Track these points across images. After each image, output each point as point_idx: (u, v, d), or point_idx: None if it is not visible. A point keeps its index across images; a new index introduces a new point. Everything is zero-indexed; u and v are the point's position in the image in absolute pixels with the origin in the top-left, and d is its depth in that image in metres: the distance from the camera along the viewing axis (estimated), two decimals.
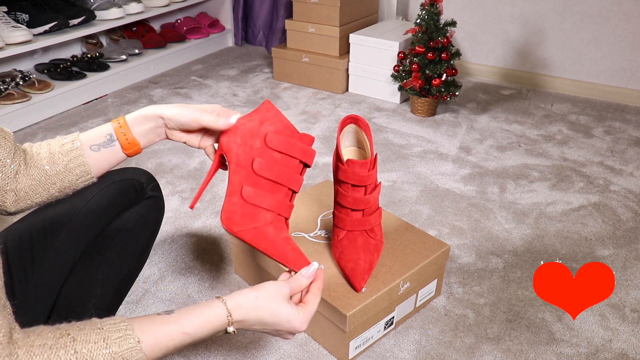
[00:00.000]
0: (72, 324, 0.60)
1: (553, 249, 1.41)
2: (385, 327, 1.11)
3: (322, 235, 1.18)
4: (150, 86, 2.51)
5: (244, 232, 0.82)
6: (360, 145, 1.11)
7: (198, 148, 0.88)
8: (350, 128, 1.09)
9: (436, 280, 1.20)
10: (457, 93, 2.11)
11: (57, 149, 0.81)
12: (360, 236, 1.07)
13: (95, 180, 0.85)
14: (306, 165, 0.84)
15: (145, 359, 0.62)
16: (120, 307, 1.17)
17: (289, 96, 2.41)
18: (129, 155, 0.85)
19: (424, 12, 2.05)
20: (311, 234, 1.18)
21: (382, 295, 1.03)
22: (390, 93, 2.34)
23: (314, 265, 0.81)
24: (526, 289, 1.27)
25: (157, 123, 0.82)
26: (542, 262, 1.35)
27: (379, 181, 1.09)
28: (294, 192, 0.85)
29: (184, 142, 0.85)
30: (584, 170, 1.80)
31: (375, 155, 1.04)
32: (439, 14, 2.04)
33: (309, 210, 1.26)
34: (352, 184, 1.02)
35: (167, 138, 0.85)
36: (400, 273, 1.07)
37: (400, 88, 2.19)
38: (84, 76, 2.29)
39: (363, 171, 1.01)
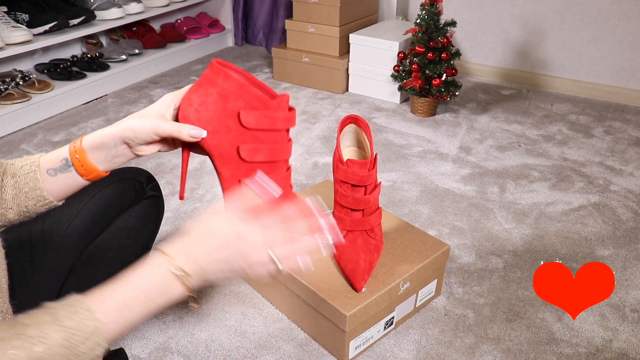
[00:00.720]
0: (26, 313, 0.58)
1: (553, 249, 1.41)
2: (385, 327, 1.11)
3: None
4: (150, 86, 2.51)
5: None
6: (360, 145, 1.11)
7: (177, 148, 0.77)
8: (350, 128, 1.09)
9: (436, 280, 1.20)
10: (457, 93, 2.11)
11: (18, 171, 0.75)
12: (360, 236, 1.07)
13: (57, 204, 0.78)
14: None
15: (104, 325, 0.58)
16: None
17: (289, 96, 2.41)
18: (90, 181, 0.77)
19: (424, 12, 2.05)
20: None
21: (382, 295, 1.03)
22: (390, 93, 2.34)
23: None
24: (526, 289, 1.27)
25: (117, 146, 0.72)
26: (542, 262, 1.35)
27: (379, 181, 1.09)
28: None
29: (158, 151, 0.75)
30: (584, 170, 1.80)
31: (375, 155, 1.04)
32: (439, 14, 2.04)
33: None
34: (352, 184, 1.03)
35: (137, 156, 0.74)
36: (400, 273, 1.07)
37: (400, 88, 2.19)
38: (84, 76, 2.29)
39: (363, 171, 1.01)
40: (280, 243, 0.64)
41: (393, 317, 1.12)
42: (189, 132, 0.68)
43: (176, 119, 0.72)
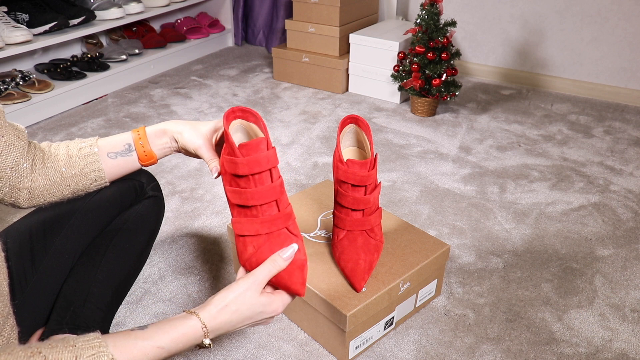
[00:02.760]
0: (45, 342, 0.58)
1: (553, 249, 1.41)
2: (385, 327, 1.11)
3: (322, 235, 1.18)
4: (150, 86, 2.51)
5: (245, 263, 0.84)
6: (360, 145, 1.11)
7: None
8: (350, 128, 1.09)
9: (436, 280, 1.20)
10: (457, 93, 2.11)
11: (75, 152, 0.83)
12: (360, 236, 1.07)
13: (108, 184, 0.87)
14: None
15: None
16: (121, 307, 1.17)
17: (289, 96, 2.41)
18: (143, 166, 0.88)
19: (424, 12, 2.05)
20: (311, 234, 1.18)
21: (382, 295, 1.03)
22: (390, 93, 2.34)
23: (293, 247, 0.78)
24: (526, 289, 1.27)
25: (171, 140, 0.86)
26: (542, 262, 1.36)
27: (379, 181, 1.09)
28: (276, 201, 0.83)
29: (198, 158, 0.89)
30: (584, 170, 1.80)
31: (375, 155, 1.04)
32: (439, 14, 2.04)
33: (309, 210, 1.26)
34: (352, 184, 1.02)
35: (184, 154, 0.89)
36: (400, 273, 1.07)
37: (400, 88, 2.19)
38: (84, 76, 2.29)
39: (363, 171, 1.01)
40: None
41: (393, 317, 1.12)
42: (214, 167, 0.83)
43: (221, 140, 0.88)
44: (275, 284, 0.81)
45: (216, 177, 0.83)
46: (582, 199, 1.63)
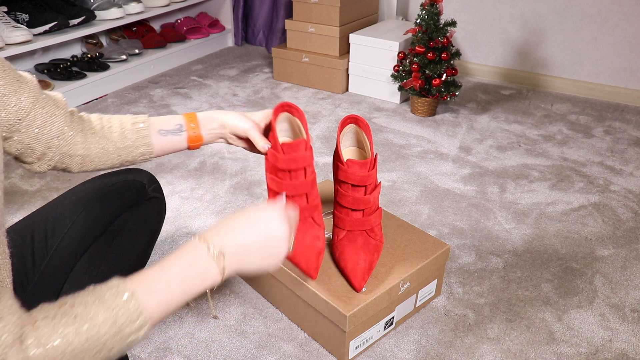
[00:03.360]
0: (71, 295, 0.61)
1: (553, 249, 1.41)
2: (385, 327, 1.11)
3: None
4: (150, 86, 2.51)
5: None
6: (360, 145, 1.11)
7: (257, 153, 0.95)
8: (350, 128, 1.09)
9: (436, 280, 1.20)
10: (457, 93, 2.11)
11: (129, 127, 0.88)
12: (360, 236, 1.07)
13: (152, 158, 0.93)
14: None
15: (146, 307, 0.60)
16: None
17: (289, 96, 2.41)
18: (190, 148, 0.93)
19: (424, 12, 2.05)
20: None
21: (382, 295, 1.03)
22: (390, 93, 2.34)
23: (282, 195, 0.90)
24: (526, 289, 1.27)
25: (220, 127, 0.92)
26: (542, 262, 1.36)
27: (379, 181, 1.09)
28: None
29: (243, 147, 0.96)
30: (584, 170, 1.80)
31: (375, 155, 1.04)
32: (439, 14, 2.04)
33: None
34: (352, 184, 1.03)
35: (227, 142, 0.95)
36: (401, 273, 1.07)
37: (400, 88, 2.19)
38: (84, 76, 2.29)
39: (363, 171, 1.01)
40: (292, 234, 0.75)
41: (393, 317, 1.12)
42: (263, 146, 0.91)
43: (267, 129, 0.96)
44: (292, 262, 0.96)
45: (264, 154, 0.92)
46: (582, 199, 1.63)
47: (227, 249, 0.66)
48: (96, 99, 2.35)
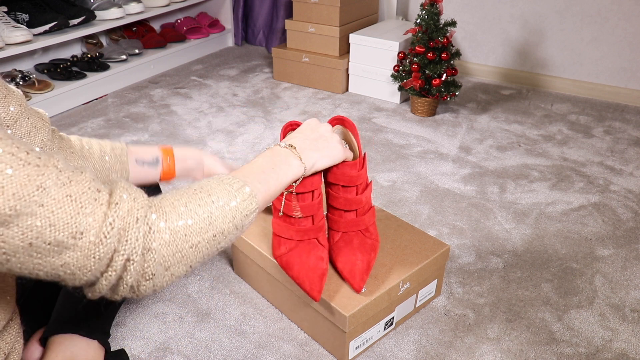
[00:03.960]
0: (188, 186, 0.67)
1: (553, 249, 1.41)
2: (385, 327, 1.11)
3: None
4: (150, 86, 2.51)
5: (277, 259, 1.05)
6: (348, 145, 1.11)
7: None
8: (337, 129, 1.10)
9: (436, 280, 1.20)
10: (457, 93, 2.11)
11: (108, 151, 0.90)
12: (355, 237, 1.07)
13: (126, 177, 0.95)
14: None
15: (255, 191, 0.70)
16: (120, 307, 1.17)
17: (289, 96, 2.41)
18: (161, 180, 0.97)
19: (424, 12, 2.05)
20: None
21: (382, 295, 1.03)
22: (390, 93, 2.34)
23: None
24: (526, 289, 1.27)
25: (198, 166, 0.98)
26: (542, 262, 1.36)
27: (370, 180, 1.09)
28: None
29: None
30: (584, 170, 1.80)
31: (364, 154, 1.04)
32: (439, 14, 2.04)
33: None
34: (342, 185, 1.02)
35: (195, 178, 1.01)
36: (400, 274, 1.07)
37: (400, 88, 2.19)
38: (84, 76, 2.29)
39: (353, 171, 1.01)
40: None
41: (393, 318, 1.12)
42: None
43: None
44: (295, 282, 1.01)
45: None
46: (582, 199, 1.63)
47: (294, 143, 0.83)
48: (96, 99, 2.35)
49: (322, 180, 1.02)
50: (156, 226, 0.58)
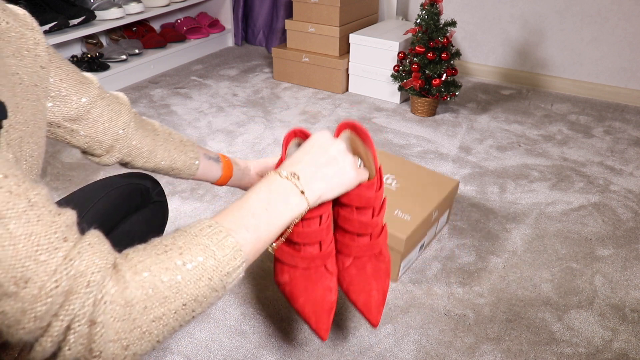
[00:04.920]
0: (161, 238, 0.59)
1: (553, 248, 1.41)
2: (419, 250, 1.33)
3: None
4: (150, 86, 2.51)
5: (280, 286, 0.91)
6: (355, 154, 0.93)
7: None
8: (345, 136, 0.92)
9: (448, 210, 1.45)
10: (457, 93, 2.11)
11: (185, 139, 0.95)
12: (369, 262, 0.95)
13: (190, 178, 0.99)
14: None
15: (239, 239, 0.59)
16: None
17: (289, 96, 2.41)
18: (214, 183, 1.01)
19: (424, 12, 2.05)
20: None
21: (423, 220, 1.25)
22: (390, 93, 2.34)
23: None
24: (526, 289, 1.27)
25: (246, 178, 1.02)
26: (542, 262, 1.36)
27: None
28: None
29: None
30: (584, 170, 1.80)
31: (379, 167, 0.89)
32: (439, 14, 2.04)
33: None
34: (356, 207, 0.88)
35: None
36: (431, 203, 1.30)
37: (400, 88, 2.19)
38: None
39: (370, 192, 0.86)
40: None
41: (424, 242, 1.35)
42: None
43: None
44: (300, 316, 0.90)
45: None
46: (582, 199, 1.63)
47: (298, 171, 0.68)
48: None
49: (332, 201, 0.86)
50: (109, 296, 0.50)
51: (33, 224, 0.48)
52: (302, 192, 0.67)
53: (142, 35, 2.70)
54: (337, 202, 0.91)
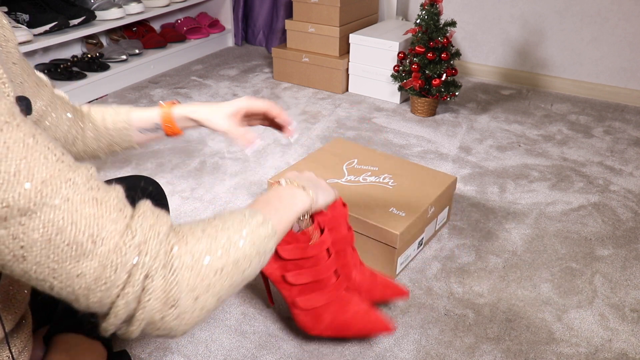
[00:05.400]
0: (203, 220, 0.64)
1: (553, 248, 1.41)
2: (418, 246, 1.34)
3: (352, 179, 1.40)
4: (150, 86, 2.51)
5: (323, 332, 1.03)
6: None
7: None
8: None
9: (447, 207, 1.45)
10: (457, 93, 2.11)
11: (111, 126, 0.93)
12: (352, 252, 1.10)
13: (138, 148, 0.99)
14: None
15: (273, 224, 0.68)
16: None
17: (289, 96, 2.41)
18: (169, 136, 0.98)
19: (424, 12, 2.05)
20: (342, 180, 1.39)
21: (418, 217, 1.26)
22: (390, 93, 2.34)
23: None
24: (526, 289, 1.27)
25: (198, 124, 0.95)
26: (542, 262, 1.36)
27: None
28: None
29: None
30: (584, 170, 1.80)
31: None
32: (439, 14, 2.04)
33: (332, 161, 1.48)
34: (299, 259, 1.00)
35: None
36: (427, 200, 1.32)
37: (400, 88, 2.19)
38: (84, 76, 2.29)
39: (342, 210, 1.06)
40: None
41: (423, 238, 1.35)
42: (249, 138, 0.96)
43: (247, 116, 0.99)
44: (360, 337, 1.07)
45: (293, 139, 1.07)
46: (582, 199, 1.63)
47: (291, 180, 0.83)
48: (96, 99, 2.35)
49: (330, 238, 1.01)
50: (177, 247, 0.56)
51: (96, 190, 0.53)
52: (304, 188, 0.82)
53: (142, 35, 2.70)
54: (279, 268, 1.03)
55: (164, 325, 0.56)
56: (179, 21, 2.90)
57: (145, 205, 0.58)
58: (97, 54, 2.43)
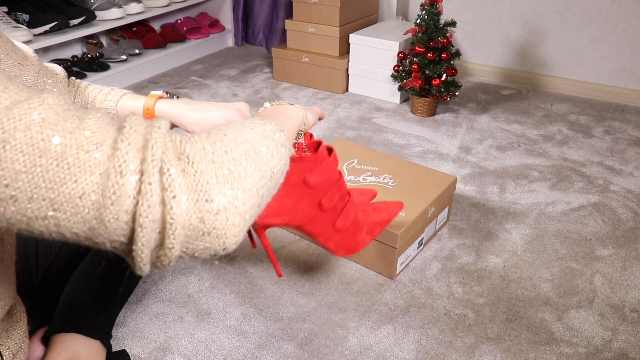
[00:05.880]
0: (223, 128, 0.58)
1: (553, 248, 1.41)
2: (418, 246, 1.35)
3: (352, 179, 1.41)
4: (150, 86, 2.51)
5: (366, 240, 1.07)
6: None
7: None
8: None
9: (447, 207, 1.46)
10: (457, 93, 2.11)
11: (99, 107, 0.91)
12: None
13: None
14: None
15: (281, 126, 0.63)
16: (122, 308, 1.17)
17: (289, 96, 2.41)
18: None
19: (424, 12, 2.05)
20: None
21: (418, 217, 1.27)
22: (390, 93, 2.34)
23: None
24: (526, 289, 1.27)
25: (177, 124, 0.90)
26: (542, 262, 1.36)
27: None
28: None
29: None
30: (584, 170, 1.80)
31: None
32: (439, 14, 2.04)
33: None
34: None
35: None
36: (427, 200, 1.32)
37: (400, 88, 2.19)
38: (84, 76, 2.29)
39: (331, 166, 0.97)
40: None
41: (423, 238, 1.36)
42: None
43: None
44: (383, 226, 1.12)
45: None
46: (582, 199, 1.63)
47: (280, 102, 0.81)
48: None
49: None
50: (187, 144, 0.48)
51: (74, 110, 0.46)
52: (292, 104, 0.79)
53: (142, 35, 2.70)
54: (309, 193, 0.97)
55: (207, 228, 0.47)
56: (179, 21, 2.90)
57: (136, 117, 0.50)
58: (97, 54, 2.43)
